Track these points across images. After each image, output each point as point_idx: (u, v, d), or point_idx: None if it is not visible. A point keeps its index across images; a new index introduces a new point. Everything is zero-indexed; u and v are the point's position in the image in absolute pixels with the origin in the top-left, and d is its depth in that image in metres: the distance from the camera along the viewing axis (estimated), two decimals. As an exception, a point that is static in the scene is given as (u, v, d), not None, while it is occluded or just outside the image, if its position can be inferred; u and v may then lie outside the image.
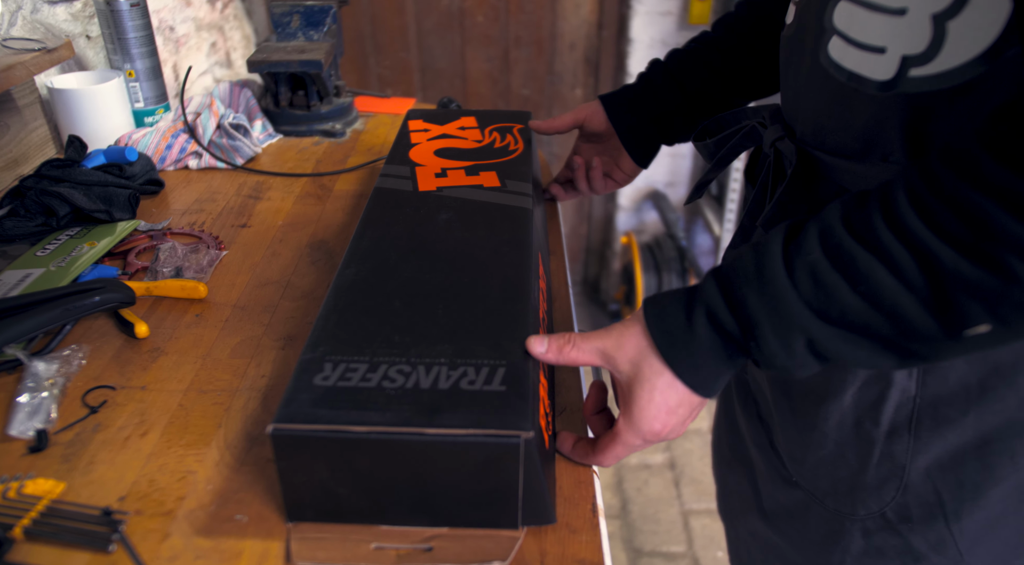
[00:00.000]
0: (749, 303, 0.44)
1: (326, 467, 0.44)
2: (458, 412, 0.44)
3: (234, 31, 1.77)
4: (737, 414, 0.80)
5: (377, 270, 0.57)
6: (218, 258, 0.77)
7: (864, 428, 0.58)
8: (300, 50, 1.07)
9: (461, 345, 0.49)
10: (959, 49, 0.44)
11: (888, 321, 0.41)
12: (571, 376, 0.62)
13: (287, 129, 1.11)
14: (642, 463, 1.79)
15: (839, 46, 0.51)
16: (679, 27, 1.92)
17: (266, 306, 0.70)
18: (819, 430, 0.61)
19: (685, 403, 0.49)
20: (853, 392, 0.57)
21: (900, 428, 0.57)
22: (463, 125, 0.87)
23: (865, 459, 0.59)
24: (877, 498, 0.60)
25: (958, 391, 0.54)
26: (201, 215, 0.88)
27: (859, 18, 0.49)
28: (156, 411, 0.56)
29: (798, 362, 0.45)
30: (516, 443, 0.43)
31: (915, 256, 0.39)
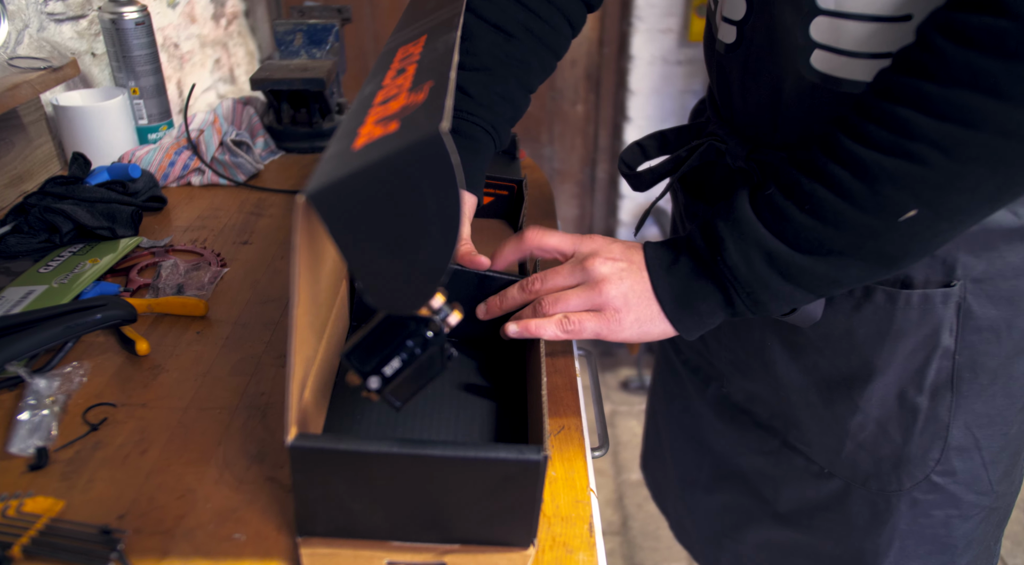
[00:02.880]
0: (717, 226, 0.52)
1: (343, 482, 0.44)
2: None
3: (238, 48, 1.79)
4: (711, 435, 0.80)
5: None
6: (219, 275, 0.77)
7: (908, 398, 0.61)
8: (303, 68, 1.08)
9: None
10: None
11: (836, 230, 0.47)
12: (569, 394, 0.63)
13: (289, 146, 1.12)
14: (643, 479, 1.78)
15: (825, 58, 0.52)
16: (679, 44, 1.94)
17: (267, 323, 0.71)
18: (861, 413, 0.63)
19: (642, 295, 0.55)
20: (898, 364, 0.60)
21: (942, 388, 0.60)
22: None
23: (909, 430, 0.62)
24: (922, 465, 0.63)
25: (990, 336, 0.58)
26: (203, 232, 0.88)
27: (850, 31, 0.50)
28: (156, 429, 0.56)
29: (760, 278, 0.51)
30: (538, 461, 0.43)
31: (847, 168, 0.46)
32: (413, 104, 0.40)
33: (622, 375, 2.12)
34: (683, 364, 0.84)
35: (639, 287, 0.55)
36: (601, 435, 0.74)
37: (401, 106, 0.40)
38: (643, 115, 2.02)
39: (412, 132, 0.36)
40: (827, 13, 0.50)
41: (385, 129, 0.38)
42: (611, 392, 2.07)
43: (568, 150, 2.16)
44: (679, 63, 1.97)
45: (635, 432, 1.92)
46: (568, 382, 0.64)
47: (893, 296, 0.57)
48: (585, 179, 2.21)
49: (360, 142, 0.38)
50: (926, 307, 0.57)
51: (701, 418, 0.82)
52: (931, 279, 0.57)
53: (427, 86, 0.42)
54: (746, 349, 0.71)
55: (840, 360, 0.62)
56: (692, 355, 0.81)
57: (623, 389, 2.08)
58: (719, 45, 0.62)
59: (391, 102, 0.43)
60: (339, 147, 0.39)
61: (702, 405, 0.81)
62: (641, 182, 0.72)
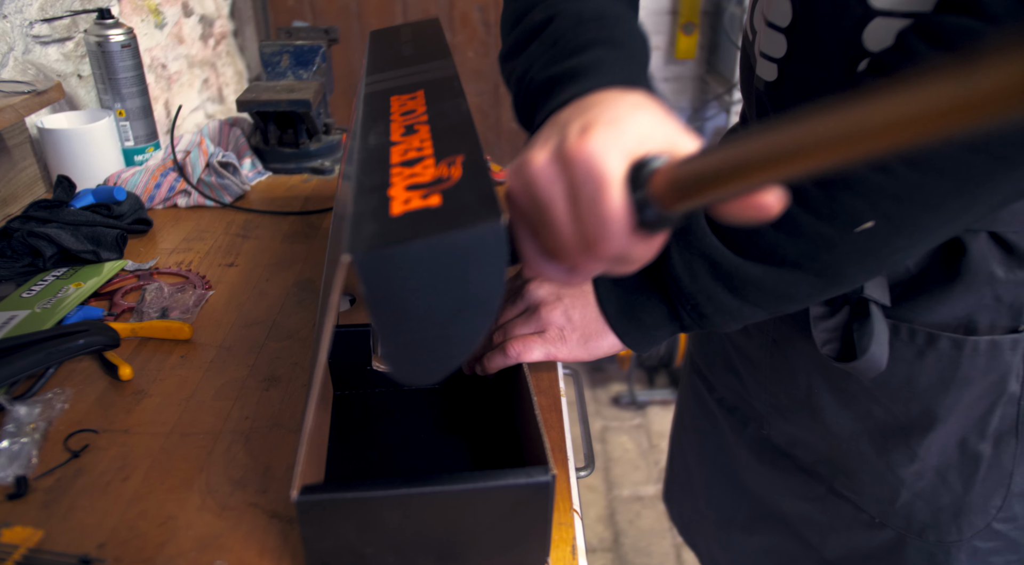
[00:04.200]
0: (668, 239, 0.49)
1: (353, 529, 0.44)
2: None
3: (226, 67, 1.80)
4: (749, 475, 0.78)
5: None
6: (204, 298, 0.77)
7: (969, 446, 0.59)
8: (289, 89, 1.08)
9: None
10: None
11: (788, 237, 0.46)
12: (553, 415, 0.63)
13: (276, 167, 1.12)
14: (634, 495, 1.78)
15: None
16: (666, 62, 1.96)
17: (251, 347, 0.70)
18: (919, 461, 0.60)
19: (585, 312, 0.55)
20: (961, 412, 0.58)
21: (1007, 434, 0.58)
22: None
23: (971, 478, 0.60)
24: (984, 513, 0.61)
25: None
26: (189, 254, 0.88)
27: None
28: (138, 455, 0.56)
29: (705, 290, 0.49)
30: (547, 482, 0.44)
31: None
32: (450, 179, 0.40)
33: (613, 391, 2.12)
34: (717, 403, 0.81)
35: (579, 304, 0.56)
36: (587, 454, 0.74)
37: (434, 177, 0.41)
38: (630, 131, 2.03)
39: (467, 215, 0.36)
40: (876, 55, 0.48)
41: (425, 201, 0.38)
42: (602, 408, 2.07)
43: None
44: (666, 80, 1.98)
45: (626, 448, 1.92)
46: (552, 402, 0.64)
47: (960, 343, 0.55)
48: (574, 195, 2.22)
49: (398, 208, 0.38)
50: (993, 354, 0.55)
51: (738, 458, 0.79)
52: (997, 324, 0.55)
53: (459, 160, 0.42)
54: (790, 393, 0.68)
55: (898, 408, 0.60)
56: (728, 394, 0.79)
57: (614, 405, 2.07)
58: (758, 81, 0.60)
59: (418, 167, 0.43)
60: (369, 205, 0.39)
61: (739, 445, 0.78)
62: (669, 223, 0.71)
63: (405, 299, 0.37)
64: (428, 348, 0.39)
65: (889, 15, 0.47)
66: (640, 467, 1.86)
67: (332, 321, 0.39)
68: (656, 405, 2.05)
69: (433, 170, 0.42)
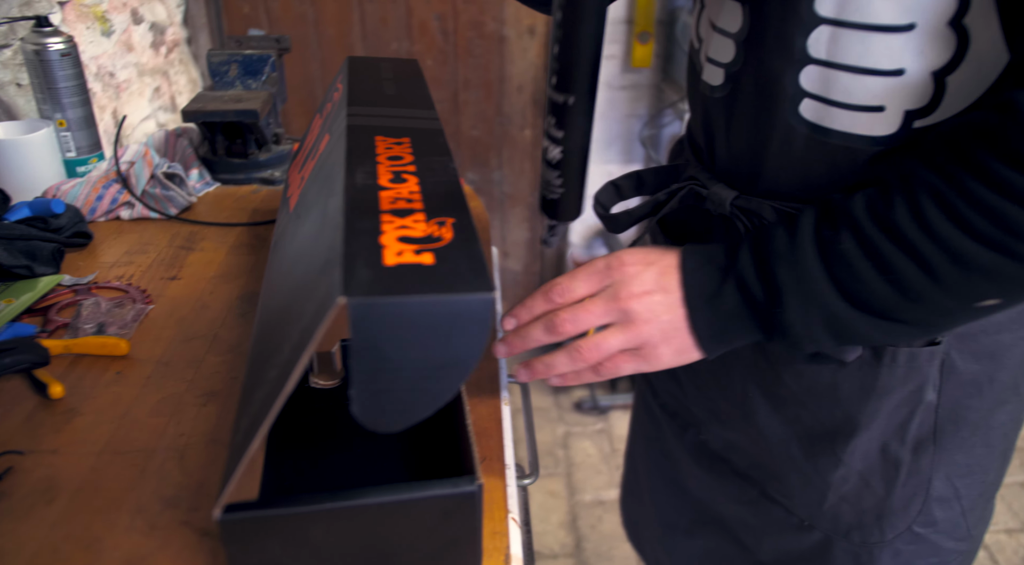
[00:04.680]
0: (779, 275, 0.49)
1: (279, 546, 0.43)
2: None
3: (179, 75, 1.77)
4: (690, 480, 0.79)
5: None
6: (144, 313, 0.76)
7: (890, 452, 0.61)
8: (237, 99, 1.07)
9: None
10: (960, 98, 0.46)
11: (912, 305, 0.46)
12: (492, 424, 0.63)
13: (225, 177, 1.11)
14: (596, 500, 1.79)
15: (815, 107, 0.51)
16: (623, 70, 1.98)
17: (191, 361, 0.69)
18: (844, 466, 0.62)
19: (679, 327, 0.52)
20: (882, 419, 0.59)
21: (925, 441, 0.60)
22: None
23: (892, 482, 0.62)
24: (904, 516, 0.63)
25: (972, 390, 0.58)
26: (130, 267, 0.87)
27: (842, 82, 0.49)
28: (65, 476, 0.55)
29: (811, 335, 0.49)
30: (474, 491, 0.44)
31: (943, 251, 0.44)
32: (442, 239, 0.43)
33: (575, 396, 2.13)
34: (660, 408, 0.82)
35: (676, 317, 0.52)
36: (531, 462, 0.74)
37: (426, 234, 0.43)
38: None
39: (461, 281, 0.39)
40: (819, 62, 0.50)
41: (418, 257, 0.40)
42: (565, 413, 2.07)
43: (517, 174, 2.18)
44: (623, 88, 2.00)
45: (589, 453, 1.93)
46: (492, 412, 0.64)
47: (879, 353, 0.56)
48: (535, 202, 2.22)
49: (391, 259, 0.40)
50: (912, 365, 0.57)
51: (679, 463, 0.80)
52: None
53: (450, 223, 0.45)
54: (727, 398, 0.69)
55: (824, 414, 0.62)
56: (669, 400, 0.80)
57: (576, 410, 2.08)
58: (704, 86, 0.61)
59: (408, 220, 0.45)
60: (362, 249, 0.40)
61: (680, 450, 0.79)
62: (617, 224, 0.69)
63: (389, 349, 0.38)
64: (399, 399, 0.40)
65: (833, 23, 0.48)
66: (602, 471, 1.87)
67: (308, 356, 0.39)
68: (618, 409, 2.06)
69: (424, 226, 0.44)
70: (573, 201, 0.54)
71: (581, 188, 0.54)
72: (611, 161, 2.08)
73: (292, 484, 0.55)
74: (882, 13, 0.46)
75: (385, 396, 0.40)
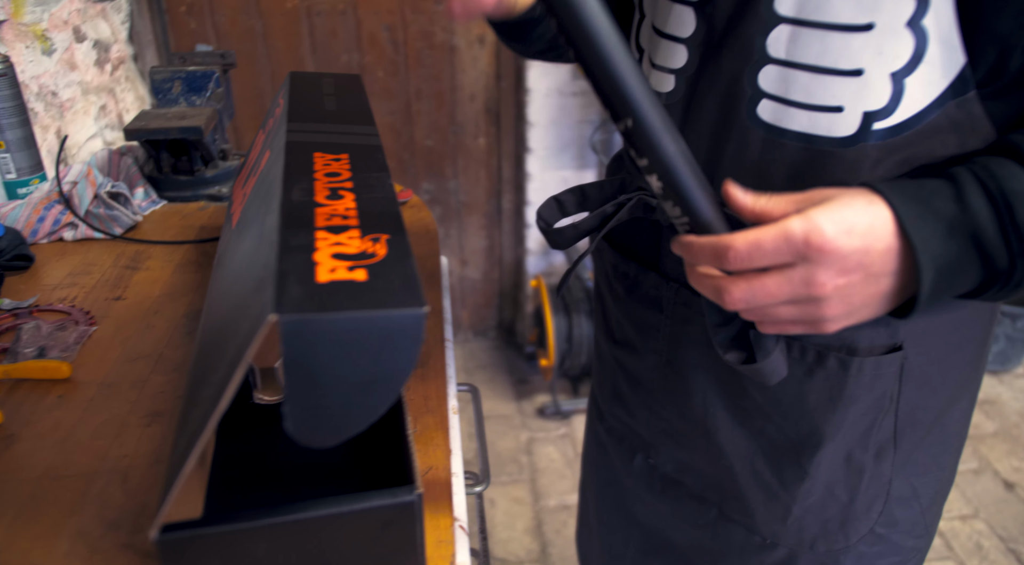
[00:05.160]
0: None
1: (220, 564, 0.43)
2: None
3: (126, 93, 1.75)
4: (639, 508, 0.78)
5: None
6: (87, 334, 0.75)
7: (854, 459, 0.61)
8: (181, 116, 1.07)
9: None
10: (918, 99, 0.47)
11: None
12: (439, 434, 0.64)
13: (171, 195, 1.10)
14: (561, 505, 1.80)
15: (773, 108, 0.51)
16: (573, 77, 2.00)
17: (134, 382, 0.69)
18: (810, 479, 0.61)
19: (869, 303, 0.45)
20: (847, 428, 0.59)
21: (886, 445, 0.61)
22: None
23: (855, 488, 0.62)
24: (867, 519, 0.63)
25: (927, 391, 0.59)
26: (74, 289, 0.86)
27: (800, 82, 0.49)
28: (3, 503, 0.54)
29: None
30: (412, 501, 0.44)
31: None
32: (375, 256, 0.43)
33: (538, 402, 2.15)
34: (607, 432, 0.80)
35: (869, 294, 0.44)
36: (483, 470, 0.75)
37: (360, 251, 0.44)
38: (543, 145, 2.07)
39: (393, 297, 0.39)
40: (778, 62, 0.50)
41: (351, 274, 0.41)
42: (528, 420, 2.08)
43: (473, 183, 2.19)
44: (574, 94, 2.03)
45: (552, 458, 1.94)
46: (439, 421, 0.65)
47: (846, 363, 0.55)
48: (491, 210, 2.24)
49: (324, 275, 0.40)
50: (877, 372, 0.56)
51: (627, 490, 0.78)
52: (876, 343, 0.56)
53: (384, 239, 0.45)
54: (683, 417, 0.68)
55: (789, 426, 0.61)
56: (616, 423, 0.78)
57: (539, 416, 2.09)
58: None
59: (343, 236, 0.45)
60: (295, 266, 0.41)
61: (628, 477, 0.78)
62: (563, 239, 0.66)
63: (322, 365, 0.39)
64: (333, 414, 0.41)
65: (793, 22, 0.48)
66: (566, 476, 1.88)
67: (241, 374, 0.40)
68: (580, 414, 2.08)
69: (359, 243, 0.45)
70: (703, 223, 0.47)
71: (702, 206, 0.46)
72: (564, 167, 2.10)
73: (242, 500, 0.55)
74: (841, 12, 0.46)
75: (319, 411, 0.40)
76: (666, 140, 0.45)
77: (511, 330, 2.43)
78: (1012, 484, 1.86)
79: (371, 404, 0.41)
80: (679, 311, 0.64)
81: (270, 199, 0.54)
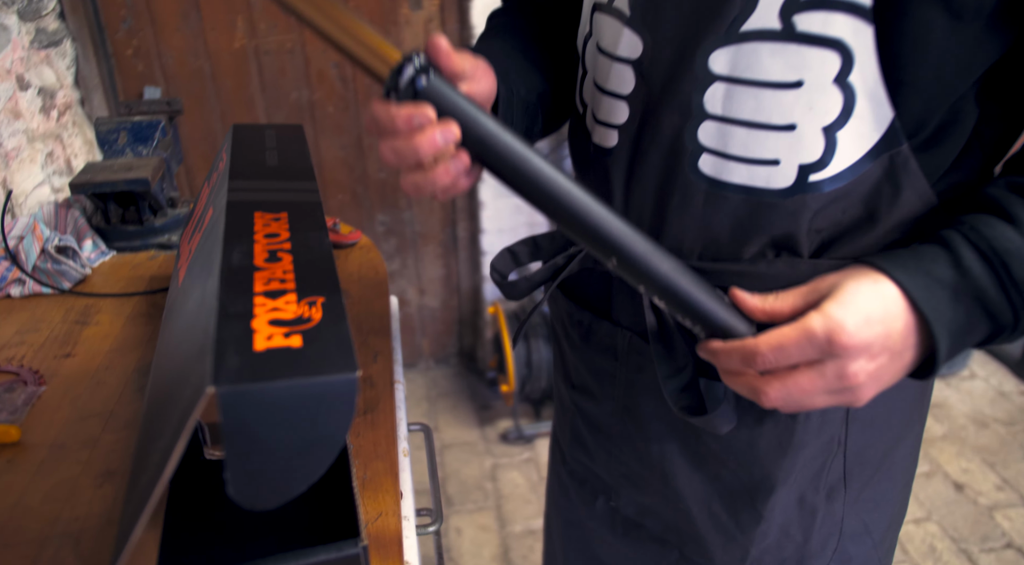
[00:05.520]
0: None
1: None
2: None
3: (74, 138, 1.74)
4: (602, 549, 0.79)
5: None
6: (36, 395, 0.76)
7: (807, 501, 0.63)
8: (127, 167, 1.07)
9: None
10: (850, 152, 0.49)
11: None
12: (388, 479, 0.65)
13: (121, 245, 1.10)
14: (527, 530, 1.81)
15: (713, 162, 0.53)
16: (521, 107, 2.04)
17: (85, 442, 0.70)
18: (765, 521, 0.63)
19: (895, 375, 0.47)
20: (798, 472, 0.61)
21: (836, 486, 0.62)
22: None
23: (809, 529, 0.64)
24: (821, 556, 0.65)
25: (873, 432, 0.61)
26: (22, 348, 0.86)
27: (738, 137, 0.51)
28: (-47, 575, 0.55)
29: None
30: (357, 553, 0.46)
31: None
32: (311, 321, 0.45)
33: (501, 427, 2.16)
34: (569, 475, 0.81)
35: (895, 369, 0.47)
36: (435, 509, 0.77)
37: (296, 316, 0.45)
38: (495, 175, 2.10)
39: (326, 363, 0.41)
40: (715, 118, 0.51)
41: (287, 340, 0.43)
42: (492, 446, 2.10)
43: (427, 213, 2.21)
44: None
45: (517, 483, 1.96)
46: (389, 466, 0.67)
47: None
48: (447, 239, 2.26)
49: (261, 343, 0.42)
50: (824, 418, 0.58)
51: (591, 532, 0.80)
52: None
53: (320, 302, 0.47)
54: (642, 462, 0.69)
55: (743, 472, 0.62)
56: (577, 467, 0.79)
57: (503, 441, 2.11)
58: (595, 148, 0.61)
59: (280, 301, 0.47)
60: (232, 335, 0.43)
61: (591, 518, 0.79)
62: (517, 291, 0.67)
63: (259, 432, 0.41)
64: (272, 477, 0.43)
65: (727, 80, 0.50)
66: (531, 501, 1.90)
67: (184, 443, 0.41)
68: (543, 437, 2.10)
69: (296, 307, 0.46)
70: (718, 328, 0.50)
71: (712, 312, 0.50)
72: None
73: (193, 555, 0.56)
74: (771, 70, 0.48)
75: (259, 475, 0.42)
76: (654, 265, 0.48)
77: (472, 356, 2.45)
78: (962, 485, 1.93)
79: (310, 466, 0.43)
80: (633, 359, 0.66)
81: (211, 262, 0.56)
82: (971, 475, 1.96)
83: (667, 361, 0.58)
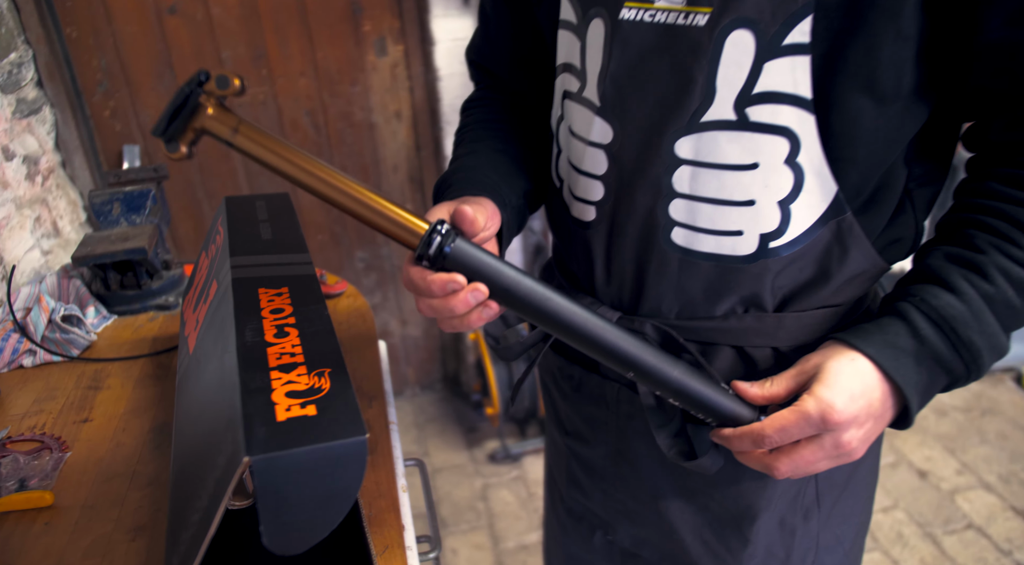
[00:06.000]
0: (976, 344, 0.53)
1: None
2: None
3: (58, 200, 1.81)
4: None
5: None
6: (62, 460, 0.83)
7: (787, 523, 0.71)
8: (124, 238, 1.15)
9: None
10: (804, 220, 0.57)
11: None
12: (391, 515, 0.74)
13: (121, 309, 1.17)
14: (519, 545, 1.89)
15: (684, 234, 0.59)
16: (487, 142, 2.14)
17: (114, 501, 0.77)
18: (752, 544, 0.71)
19: (880, 427, 0.56)
20: (778, 499, 0.69)
21: (811, 507, 0.71)
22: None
23: (790, 546, 0.72)
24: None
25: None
26: (41, 416, 0.93)
27: (705, 212, 0.57)
28: (15, 630, 0.62)
29: (983, 370, 0.55)
30: None
31: None
32: (322, 391, 0.54)
33: (488, 448, 2.25)
34: (567, 514, 0.87)
35: (878, 428, 0.56)
36: (433, 537, 0.86)
37: (308, 386, 0.55)
38: (467, 207, 2.19)
39: (340, 428, 0.50)
40: (683, 196, 0.58)
41: (304, 410, 0.52)
42: (480, 467, 2.18)
43: (404, 249, 2.29)
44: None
45: (507, 501, 2.04)
46: (390, 504, 0.75)
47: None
48: (425, 270, 2.35)
49: (282, 414, 0.51)
50: None
51: (591, 564, 0.87)
52: None
53: (327, 373, 0.57)
54: (636, 498, 0.75)
55: (729, 502, 0.69)
56: (575, 505, 0.85)
57: (491, 461, 2.19)
58: (574, 221, 0.67)
59: (293, 374, 0.56)
60: (257, 408, 0.52)
61: (590, 552, 0.86)
62: (510, 353, 0.73)
63: (287, 490, 0.50)
64: (299, 527, 0.52)
65: (692, 164, 0.57)
66: (522, 517, 1.98)
67: (225, 504, 0.50)
68: (530, 455, 2.19)
69: (307, 379, 0.56)
70: (727, 418, 0.59)
71: (721, 405, 0.58)
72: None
73: None
74: (730, 154, 0.55)
75: (288, 526, 0.51)
76: (666, 373, 0.57)
77: (456, 381, 2.53)
78: (925, 473, 2.04)
79: (330, 515, 0.52)
80: (623, 408, 0.73)
81: (225, 337, 0.65)
82: (933, 462, 2.08)
83: (657, 413, 0.66)
